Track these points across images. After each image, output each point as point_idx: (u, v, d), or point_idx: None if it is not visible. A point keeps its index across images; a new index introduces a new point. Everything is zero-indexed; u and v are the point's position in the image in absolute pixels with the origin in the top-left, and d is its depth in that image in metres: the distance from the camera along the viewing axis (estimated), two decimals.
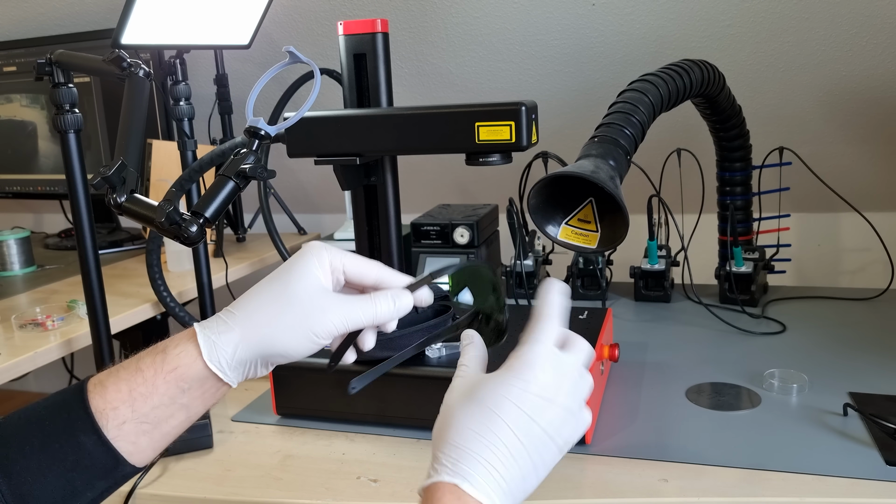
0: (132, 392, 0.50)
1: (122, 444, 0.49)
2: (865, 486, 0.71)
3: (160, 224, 0.64)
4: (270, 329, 0.51)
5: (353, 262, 0.54)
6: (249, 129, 0.62)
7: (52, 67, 0.89)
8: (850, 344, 1.07)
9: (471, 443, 0.46)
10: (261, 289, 0.53)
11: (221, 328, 0.51)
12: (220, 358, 0.51)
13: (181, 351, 0.51)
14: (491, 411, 0.47)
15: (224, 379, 0.51)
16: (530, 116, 0.78)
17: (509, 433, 0.47)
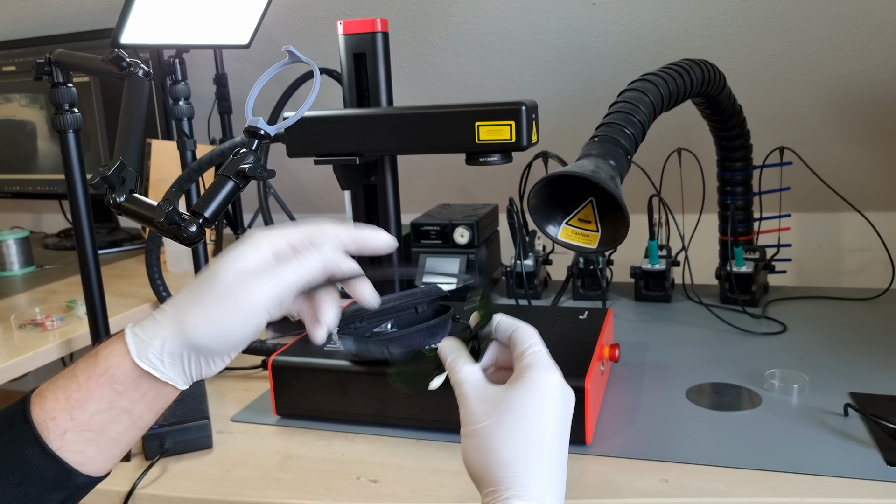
0: (68, 400, 0.48)
1: (68, 454, 0.47)
2: (866, 487, 0.71)
3: (159, 224, 0.64)
4: (195, 315, 0.48)
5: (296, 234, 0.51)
6: (249, 128, 0.62)
7: (51, 67, 0.89)
8: (851, 344, 1.07)
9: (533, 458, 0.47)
10: (192, 281, 0.50)
11: (149, 324, 0.49)
12: (149, 353, 0.48)
13: (111, 352, 0.48)
14: (537, 421, 0.48)
15: (159, 376, 0.48)
16: (530, 116, 0.78)
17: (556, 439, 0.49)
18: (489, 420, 0.48)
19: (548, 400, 0.49)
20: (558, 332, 0.94)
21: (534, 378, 0.49)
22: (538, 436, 0.48)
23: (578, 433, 0.79)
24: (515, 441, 0.47)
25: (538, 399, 0.49)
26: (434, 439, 0.84)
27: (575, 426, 0.78)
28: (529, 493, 0.46)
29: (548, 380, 0.50)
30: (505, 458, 0.46)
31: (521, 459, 0.47)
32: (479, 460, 0.47)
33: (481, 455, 0.47)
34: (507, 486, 0.46)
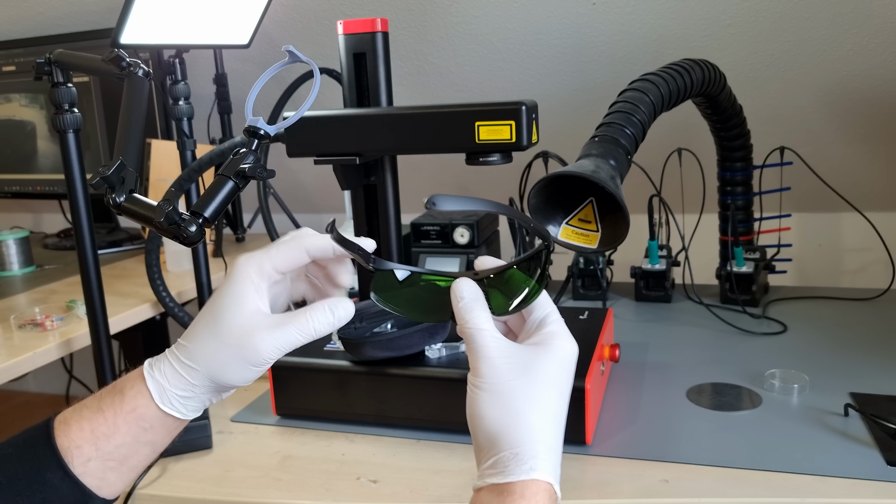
0: (94, 432, 0.50)
1: (89, 479, 0.50)
2: (866, 487, 0.71)
3: (159, 224, 0.64)
4: (211, 366, 0.51)
5: (282, 260, 0.53)
6: (249, 128, 0.62)
7: (51, 67, 0.89)
8: (851, 344, 1.07)
9: (554, 431, 0.47)
10: (202, 322, 0.52)
11: (168, 370, 0.52)
12: (172, 400, 0.51)
13: (137, 393, 0.51)
14: (562, 394, 0.48)
15: (181, 417, 0.52)
16: (531, 116, 0.78)
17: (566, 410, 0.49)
18: (518, 381, 0.47)
19: (569, 372, 0.49)
20: None
21: (560, 347, 0.49)
22: (559, 407, 0.48)
23: (578, 433, 0.79)
24: (543, 409, 0.47)
25: (562, 369, 0.48)
26: (434, 439, 0.84)
27: (575, 426, 0.79)
28: (546, 465, 0.45)
29: (571, 351, 0.50)
30: (532, 424, 0.46)
31: (547, 429, 0.46)
32: (501, 419, 0.46)
33: (506, 414, 0.46)
34: (531, 454, 0.45)
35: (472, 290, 0.50)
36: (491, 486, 0.45)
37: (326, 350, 0.90)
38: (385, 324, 0.85)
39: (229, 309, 0.51)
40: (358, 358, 0.86)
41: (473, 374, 0.48)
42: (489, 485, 0.45)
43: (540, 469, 0.45)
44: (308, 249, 0.53)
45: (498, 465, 0.45)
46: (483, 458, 0.47)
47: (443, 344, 0.87)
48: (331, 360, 0.88)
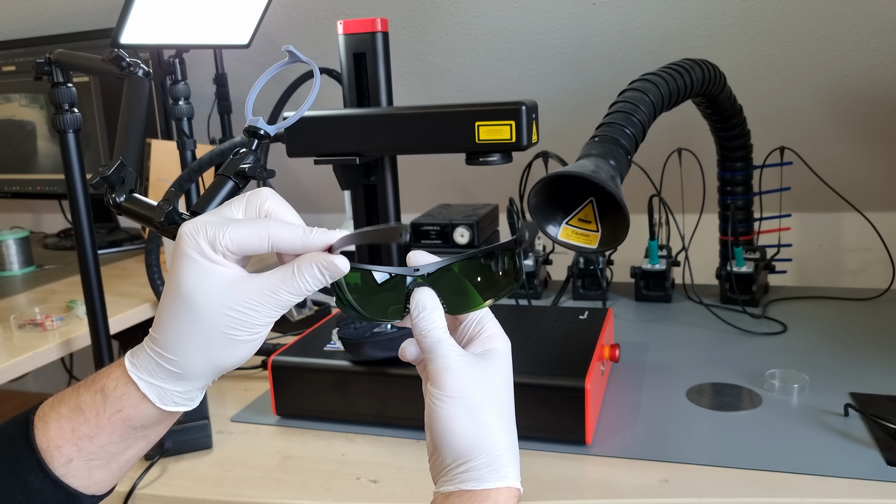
0: (75, 432, 0.46)
1: (73, 480, 0.46)
2: (866, 487, 0.71)
3: (159, 224, 0.63)
4: (207, 356, 0.45)
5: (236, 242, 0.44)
6: (249, 128, 0.62)
7: (51, 67, 0.89)
8: (851, 344, 1.07)
9: (513, 437, 0.48)
10: (173, 315, 0.45)
11: (159, 371, 0.46)
12: (174, 398, 0.46)
13: (122, 394, 0.46)
14: (511, 396, 0.49)
15: (184, 409, 0.48)
16: (530, 116, 0.78)
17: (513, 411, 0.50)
18: (481, 391, 0.47)
19: (510, 371, 0.50)
20: (558, 332, 0.94)
21: (502, 350, 0.50)
22: (512, 409, 0.49)
23: (578, 433, 0.79)
24: (504, 415, 0.48)
25: (507, 371, 0.50)
26: None
27: (575, 426, 0.79)
28: (514, 471, 0.47)
29: (509, 350, 0.51)
30: (499, 433, 0.47)
31: (509, 435, 0.48)
32: (474, 431, 0.46)
33: (477, 426, 0.46)
34: (503, 462, 0.46)
35: (433, 299, 0.48)
36: (461, 491, 0.46)
37: (326, 350, 0.90)
38: (385, 324, 0.85)
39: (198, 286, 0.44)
40: (358, 358, 0.86)
41: (435, 386, 0.47)
42: (460, 490, 0.46)
43: (511, 477, 0.46)
44: (272, 240, 0.45)
45: (472, 471, 0.46)
46: (449, 464, 0.46)
47: None
48: (331, 361, 0.88)
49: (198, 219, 0.45)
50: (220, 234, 0.44)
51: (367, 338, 0.83)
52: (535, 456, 0.79)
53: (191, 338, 0.45)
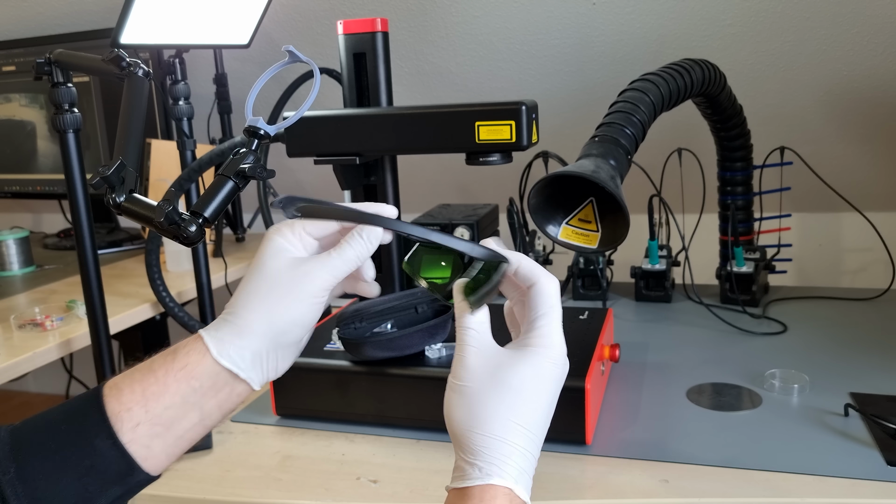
0: (145, 392, 0.49)
1: (135, 448, 0.49)
2: (866, 487, 0.71)
3: (159, 224, 0.64)
4: (268, 309, 0.51)
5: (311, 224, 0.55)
6: (249, 128, 0.62)
7: (51, 67, 0.89)
8: (852, 344, 1.07)
9: (518, 438, 0.46)
10: (248, 281, 0.53)
11: (223, 326, 0.52)
12: (230, 351, 0.50)
13: (189, 350, 0.51)
14: (531, 401, 0.47)
15: (239, 373, 0.51)
16: (531, 116, 0.78)
17: (545, 420, 0.48)
18: (487, 385, 0.47)
19: (547, 381, 0.48)
20: None
21: (542, 356, 0.48)
22: (530, 415, 0.47)
23: (578, 433, 0.79)
24: (510, 415, 0.46)
25: (538, 378, 0.48)
26: (434, 439, 0.84)
27: (575, 426, 0.79)
28: (509, 471, 0.46)
29: (555, 360, 0.49)
30: (493, 431, 0.46)
31: (510, 436, 0.46)
32: (465, 422, 0.47)
33: (470, 417, 0.47)
34: (488, 460, 0.46)
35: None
36: (455, 489, 0.46)
37: (326, 350, 0.90)
38: (385, 324, 0.85)
39: (274, 259, 0.52)
40: (358, 358, 0.86)
41: (450, 374, 0.49)
42: (453, 488, 0.46)
43: (495, 475, 0.45)
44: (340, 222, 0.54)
45: (458, 469, 0.47)
46: (456, 457, 0.48)
47: (443, 344, 0.87)
48: (331, 361, 0.88)
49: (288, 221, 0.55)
50: (300, 222, 0.54)
51: (367, 338, 0.83)
52: None
53: (256, 294, 0.51)
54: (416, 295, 0.87)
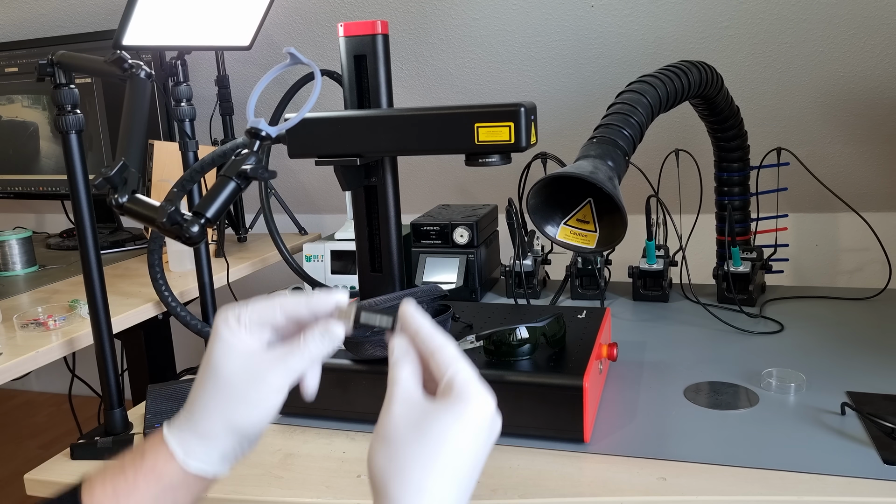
0: (116, 491, 0.50)
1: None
2: (863, 485, 0.71)
3: (162, 224, 0.64)
4: (226, 414, 0.51)
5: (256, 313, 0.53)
6: (250, 129, 0.62)
7: (53, 68, 0.89)
8: (848, 343, 1.07)
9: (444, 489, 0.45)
10: (204, 381, 0.52)
11: (186, 432, 0.52)
12: (198, 455, 0.51)
13: (157, 452, 0.51)
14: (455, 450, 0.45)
15: (207, 475, 0.52)
16: (529, 117, 0.79)
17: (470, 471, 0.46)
18: (409, 435, 0.46)
19: (473, 430, 0.46)
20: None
21: (466, 409, 0.47)
22: (453, 465, 0.45)
23: (576, 431, 0.80)
24: (432, 466, 0.45)
25: (463, 428, 0.46)
26: None
27: (573, 424, 0.79)
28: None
29: (480, 411, 0.47)
30: (412, 480, 0.45)
31: (432, 487, 0.44)
32: (386, 470, 0.45)
33: (389, 466, 0.45)
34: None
35: (403, 348, 0.51)
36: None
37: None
38: None
39: (226, 362, 0.51)
40: (359, 357, 0.87)
41: (377, 424, 0.48)
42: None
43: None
44: (282, 307, 0.53)
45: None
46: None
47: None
48: (332, 359, 0.88)
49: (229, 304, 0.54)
50: (244, 310, 0.53)
51: (367, 337, 0.84)
52: (533, 454, 0.80)
53: (212, 398, 0.51)
54: (415, 294, 0.88)
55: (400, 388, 0.49)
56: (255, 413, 0.51)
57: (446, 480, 0.45)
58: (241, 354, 0.52)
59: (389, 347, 0.51)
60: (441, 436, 0.45)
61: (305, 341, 0.52)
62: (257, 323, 0.53)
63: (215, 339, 0.52)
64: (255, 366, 0.51)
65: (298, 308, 0.53)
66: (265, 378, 0.51)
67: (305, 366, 0.53)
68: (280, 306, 0.53)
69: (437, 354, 0.50)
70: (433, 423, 0.46)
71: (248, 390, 0.51)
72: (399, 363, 0.50)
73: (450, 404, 0.47)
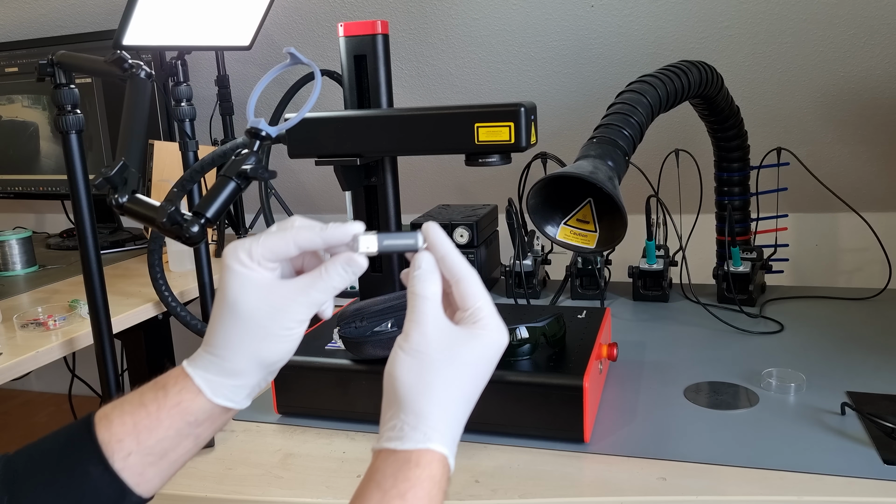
0: (136, 426, 0.50)
1: (128, 475, 0.49)
2: (863, 485, 0.71)
3: (162, 224, 0.64)
4: (252, 350, 0.51)
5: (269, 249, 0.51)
6: (250, 129, 0.62)
7: (53, 68, 0.89)
8: (848, 343, 1.07)
9: (460, 410, 0.49)
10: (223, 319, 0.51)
11: (211, 367, 0.51)
12: (225, 392, 0.51)
13: (181, 388, 0.51)
14: (478, 379, 0.50)
15: (235, 407, 0.52)
16: (529, 117, 0.79)
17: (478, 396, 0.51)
18: (440, 355, 0.49)
19: (491, 363, 0.51)
20: None
21: (488, 337, 0.50)
22: (471, 391, 0.50)
23: (576, 431, 0.80)
24: (455, 388, 0.49)
25: (486, 360, 0.50)
26: None
27: (573, 424, 0.79)
28: (447, 439, 0.48)
29: (499, 344, 0.51)
30: (439, 399, 0.48)
31: (451, 406, 0.48)
32: (413, 386, 0.48)
33: (418, 382, 0.48)
34: (432, 425, 0.47)
35: (430, 262, 0.52)
36: (388, 450, 0.47)
37: (327, 349, 0.91)
38: (385, 322, 0.86)
39: (242, 293, 0.50)
40: (359, 357, 0.87)
41: (403, 338, 0.50)
42: (385, 449, 0.47)
43: (436, 441, 0.47)
44: (296, 240, 0.51)
45: (396, 429, 0.48)
46: (386, 417, 0.49)
47: None
48: (332, 359, 0.88)
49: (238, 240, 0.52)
50: (255, 244, 0.51)
51: (367, 337, 0.84)
52: (533, 454, 0.80)
53: (235, 335, 0.50)
54: None
55: (431, 306, 0.51)
56: (280, 346, 0.51)
57: (464, 401, 0.49)
58: (258, 288, 0.50)
59: (415, 261, 0.52)
60: (469, 363, 0.49)
61: (328, 272, 0.51)
62: (269, 258, 0.51)
63: (229, 275, 0.51)
64: (275, 298, 0.50)
65: (313, 241, 0.52)
66: (288, 310, 0.50)
67: (328, 297, 0.52)
68: (293, 240, 0.51)
69: (464, 282, 0.52)
70: (464, 350, 0.49)
71: (271, 324, 0.50)
72: (427, 278, 0.51)
73: (477, 334, 0.50)
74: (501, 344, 0.51)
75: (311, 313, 0.52)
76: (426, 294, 0.51)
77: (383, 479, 0.46)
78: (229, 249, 0.51)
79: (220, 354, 0.51)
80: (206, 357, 0.51)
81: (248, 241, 0.51)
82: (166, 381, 0.51)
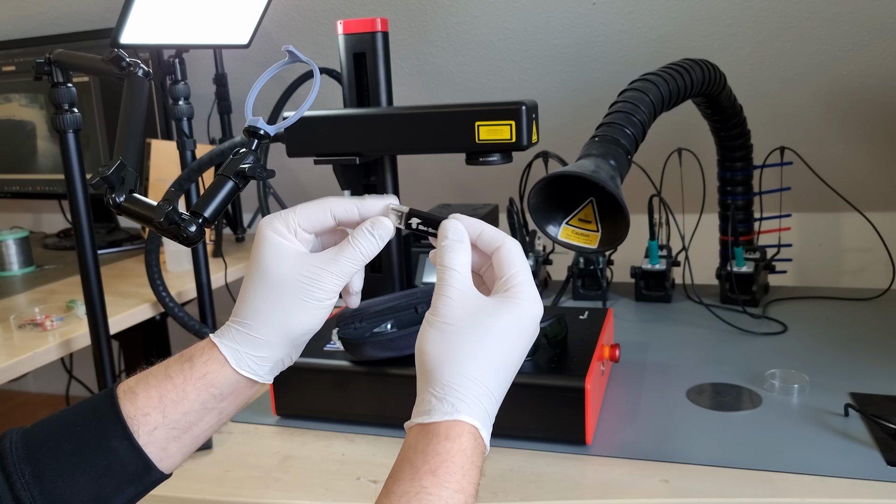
0: (162, 398, 0.50)
1: (152, 449, 0.49)
2: (866, 487, 0.71)
3: (159, 224, 0.64)
4: (280, 320, 0.51)
5: (306, 219, 0.52)
6: (249, 128, 0.62)
7: (50, 67, 0.89)
8: (852, 344, 1.07)
9: (492, 381, 0.47)
10: (254, 286, 0.52)
11: (238, 337, 0.51)
12: (250, 363, 0.51)
13: (207, 359, 0.51)
14: (509, 348, 0.48)
15: (259, 380, 0.52)
16: (530, 116, 0.78)
17: (514, 370, 0.49)
18: (466, 325, 0.48)
19: (526, 333, 0.49)
20: None
21: (519, 305, 0.49)
22: (505, 361, 0.48)
23: (578, 433, 0.79)
24: (484, 358, 0.47)
25: (518, 329, 0.49)
26: None
27: (575, 426, 0.79)
28: (478, 410, 0.46)
29: (530, 311, 0.49)
30: (466, 369, 0.47)
31: (482, 377, 0.47)
32: (439, 357, 0.47)
33: (444, 353, 0.47)
34: (460, 396, 0.46)
35: (460, 232, 0.52)
36: (419, 425, 0.47)
37: (326, 350, 0.90)
38: (385, 324, 0.85)
39: (276, 264, 0.51)
40: (358, 358, 0.86)
41: (431, 311, 0.49)
42: (416, 425, 0.47)
43: (464, 412, 0.46)
44: (333, 211, 0.52)
45: (424, 403, 0.47)
46: (420, 394, 0.49)
47: None
48: (331, 361, 0.88)
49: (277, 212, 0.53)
50: (292, 214, 0.52)
51: (367, 338, 0.83)
52: (534, 456, 0.80)
53: (265, 303, 0.51)
54: (415, 295, 0.87)
55: (458, 277, 0.50)
56: (308, 317, 0.51)
57: (496, 372, 0.48)
58: (291, 258, 0.51)
59: (442, 229, 0.52)
60: (499, 333, 0.48)
61: (356, 238, 0.52)
62: (306, 228, 0.52)
63: (264, 244, 0.51)
64: (307, 269, 0.51)
65: (349, 211, 0.53)
66: (319, 279, 0.51)
67: (357, 266, 0.52)
68: (331, 209, 0.52)
69: (504, 249, 0.51)
70: (492, 318, 0.48)
71: (301, 294, 0.50)
72: (454, 247, 0.51)
73: (508, 303, 0.49)
74: (535, 314, 0.50)
75: (342, 284, 0.52)
76: (452, 265, 0.50)
77: (414, 455, 0.45)
78: (265, 220, 0.52)
79: (247, 325, 0.51)
80: (233, 328, 0.52)
81: (285, 212, 0.52)
82: (192, 352, 0.52)
